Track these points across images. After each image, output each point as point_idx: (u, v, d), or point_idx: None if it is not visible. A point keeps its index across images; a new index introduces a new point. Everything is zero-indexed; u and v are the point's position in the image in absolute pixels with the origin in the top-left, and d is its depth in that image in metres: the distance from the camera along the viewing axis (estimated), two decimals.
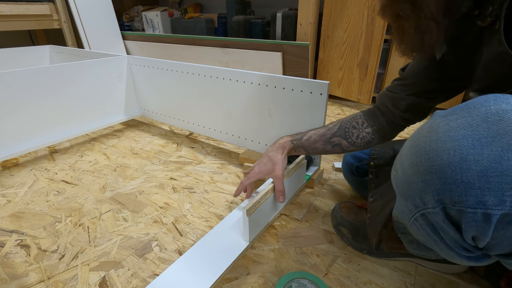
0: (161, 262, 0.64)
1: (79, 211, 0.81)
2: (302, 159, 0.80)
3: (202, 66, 1.03)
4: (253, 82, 0.92)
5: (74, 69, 1.11)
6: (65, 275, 0.62)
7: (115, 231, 0.73)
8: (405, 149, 0.39)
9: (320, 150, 0.68)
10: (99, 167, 1.04)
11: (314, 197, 0.86)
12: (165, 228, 0.74)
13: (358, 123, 0.66)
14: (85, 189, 0.91)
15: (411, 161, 0.37)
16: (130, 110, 1.36)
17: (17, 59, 1.70)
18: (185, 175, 0.98)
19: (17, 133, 1.01)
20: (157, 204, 0.84)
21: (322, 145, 0.67)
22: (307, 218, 0.77)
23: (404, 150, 0.39)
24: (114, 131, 1.36)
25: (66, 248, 0.69)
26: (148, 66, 1.22)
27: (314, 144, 0.67)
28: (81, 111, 1.17)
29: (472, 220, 0.32)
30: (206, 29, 1.92)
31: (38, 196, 0.88)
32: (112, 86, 1.27)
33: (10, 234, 0.73)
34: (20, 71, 0.97)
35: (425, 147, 0.35)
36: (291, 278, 0.59)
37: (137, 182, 0.94)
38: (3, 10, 1.72)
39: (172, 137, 1.28)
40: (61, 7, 1.94)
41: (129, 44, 2.22)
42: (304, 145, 0.68)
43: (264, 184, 0.85)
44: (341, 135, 0.66)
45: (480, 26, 0.41)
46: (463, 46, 0.46)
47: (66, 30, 2.00)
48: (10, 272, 0.62)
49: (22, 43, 2.21)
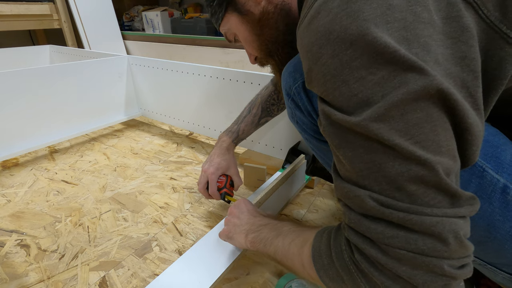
0: (161, 262, 0.64)
1: (79, 211, 0.81)
2: (302, 159, 0.80)
3: (202, 66, 1.03)
4: (253, 83, 0.91)
5: (74, 69, 1.11)
6: (65, 275, 0.62)
7: (115, 231, 0.73)
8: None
9: (252, 132, 0.76)
10: (99, 167, 1.04)
11: (314, 197, 0.86)
12: (165, 228, 0.74)
13: (275, 99, 0.73)
14: (85, 189, 0.91)
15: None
16: (130, 110, 1.36)
17: (17, 59, 1.70)
18: (185, 175, 0.98)
19: (17, 133, 1.01)
20: (157, 204, 0.84)
21: (254, 128, 0.76)
22: (307, 218, 0.77)
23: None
24: (114, 131, 1.36)
25: (66, 248, 0.69)
26: (148, 66, 1.22)
27: (248, 132, 0.75)
28: (81, 111, 1.17)
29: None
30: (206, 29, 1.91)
31: (38, 196, 0.88)
32: (112, 86, 1.27)
33: (10, 234, 0.73)
34: (20, 71, 0.97)
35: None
36: (291, 278, 0.59)
37: (137, 182, 0.94)
38: (3, 10, 1.72)
39: (172, 137, 1.28)
40: (61, 7, 1.93)
41: (129, 44, 2.22)
42: (241, 138, 0.75)
43: (264, 184, 0.85)
44: (266, 115, 0.75)
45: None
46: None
47: (66, 30, 2.00)
48: (10, 272, 0.62)
49: (22, 43, 2.21)
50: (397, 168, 0.26)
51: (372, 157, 0.27)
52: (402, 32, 0.25)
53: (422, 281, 0.26)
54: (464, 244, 0.26)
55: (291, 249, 0.42)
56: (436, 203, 0.26)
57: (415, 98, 0.25)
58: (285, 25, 0.48)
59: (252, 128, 0.75)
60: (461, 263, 0.27)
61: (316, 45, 0.29)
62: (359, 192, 0.29)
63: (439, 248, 0.26)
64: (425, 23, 0.26)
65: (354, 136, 0.28)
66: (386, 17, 0.26)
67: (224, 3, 0.50)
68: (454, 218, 0.26)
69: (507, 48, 0.28)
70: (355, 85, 0.27)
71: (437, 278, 0.26)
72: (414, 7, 0.26)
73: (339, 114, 0.28)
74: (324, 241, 0.36)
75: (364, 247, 0.29)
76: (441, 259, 0.26)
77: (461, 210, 0.26)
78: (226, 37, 0.56)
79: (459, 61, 0.26)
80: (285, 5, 0.47)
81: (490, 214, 0.34)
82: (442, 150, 0.26)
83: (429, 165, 0.25)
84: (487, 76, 0.28)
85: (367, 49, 0.26)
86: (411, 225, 0.26)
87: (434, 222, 0.25)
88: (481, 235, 0.35)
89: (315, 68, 0.30)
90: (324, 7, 0.29)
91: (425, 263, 0.26)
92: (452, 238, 0.26)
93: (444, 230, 0.25)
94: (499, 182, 0.33)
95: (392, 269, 0.27)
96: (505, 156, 0.34)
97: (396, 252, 0.27)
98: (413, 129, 0.26)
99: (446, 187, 0.26)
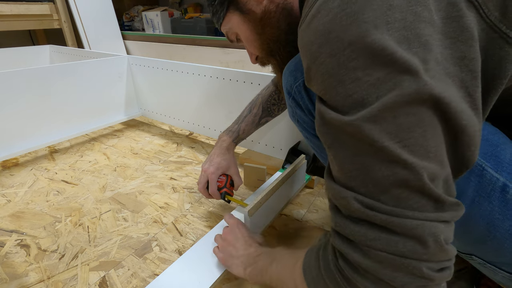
0: (161, 262, 0.64)
1: (79, 211, 0.81)
2: (302, 159, 0.80)
3: (202, 66, 1.03)
4: (253, 83, 0.91)
5: (74, 69, 1.11)
6: (65, 275, 0.62)
7: (115, 231, 0.73)
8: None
9: (252, 132, 0.77)
10: (99, 167, 1.04)
11: (314, 197, 0.86)
12: (165, 228, 0.74)
13: (276, 99, 0.73)
14: (85, 189, 0.91)
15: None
16: (130, 110, 1.36)
17: (17, 59, 1.70)
18: (185, 175, 0.98)
19: (17, 133, 1.01)
20: (157, 204, 0.84)
21: (254, 128, 0.76)
22: (307, 218, 0.77)
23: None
24: (114, 131, 1.36)
25: (66, 248, 0.69)
26: (148, 66, 1.22)
27: (248, 132, 0.75)
28: (81, 111, 1.17)
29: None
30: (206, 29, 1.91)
31: (38, 196, 0.88)
32: (112, 86, 1.27)
33: (10, 234, 0.73)
34: (20, 71, 0.97)
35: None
36: None
37: (137, 182, 0.94)
38: (3, 10, 1.72)
39: (172, 137, 1.28)
40: (61, 7, 1.93)
41: (129, 44, 2.22)
42: (242, 138, 0.75)
43: (264, 184, 0.85)
44: (266, 115, 0.75)
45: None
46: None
47: (66, 30, 2.00)
48: (10, 272, 0.62)
49: (22, 43, 2.21)
50: (383, 171, 0.27)
51: (361, 160, 0.28)
52: (403, 32, 0.25)
53: (401, 283, 0.27)
54: (443, 248, 0.27)
55: (283, 272, 0.42)
56: (420, 206, 0.27)
57: (408, 102, 0.25)
58: (286, 24, 0.48)
59: (252, 128, 0.75)
60: (440, 266, 0.27)
61: (315, 44, 0.29)
62: (346, 193, 0.29)
63: (418, 250, 0.26)
64: (426, 22, 0.26)
65: (345, 137, 0.28)
66: (386, 17, 0.26)
67: (225, 2, 0.50)
68: (435, 222, 0.26)
69: (507, 48, 0.28)
70: (351, 85, 0.27)
71: (416, 280, 0.27)
72: (415, 7, 0.26)
73: (333, 113, 0.29)
74: (314, 254, 0.36)
75: (348, 252, 0.30)
76: (420, 261, 0.26)
77: (443, 214, 0.27)
78: (227, 36, 0.56)
79: (458, 61, 0.27)
80: (287, 5, 0.47)
81: (489, 213, 0.34)
82: (429, 155, 0.26)
83: (414, 169, 0.26)
84: (487, 76, 0.28)
85: (364, 51, 0.26)
86: (393, 227, 0.27)
87: (415, 225, 0.26)
88: (480, 234, 0.36)
89: (314, 67, 0.30)
90: (325, 7, 0.29)
91: (405, 265, 0.27)
92: (432, 242, 0.26)
93: (424, 233, 0.26)
94: (499, 181, 0.33)
95: (373, 272, 0.28)
96: (505, 155, 0.34)
97: (377, 254, 0.27)
98: (403, 133, 0.26)
99: (430, 191, 0.26)
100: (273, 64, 0.56)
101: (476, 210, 0.35)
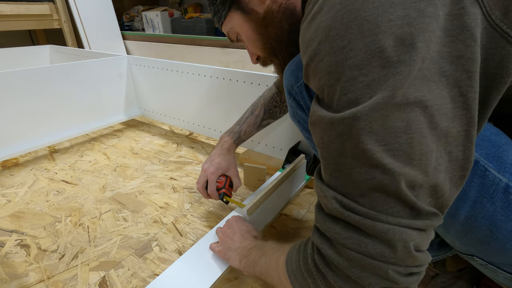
0: (161, 262, 0.64)
1: (79, 211, 0.81)
2: (302, 159, 0.80)
3: (202, 66, 1.03)
4: (253, 83, 0.91)
5: (74, 69, 1.11)
6: (65, 275, 0.62)
7: (115, 231, 0.73)
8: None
9: (254, 133, 0.76)
10: (99, 167, 1.04)
11: (314, 197, 0.86)
12: (165, 228, 0.74)
13: (277, 101, 0.73)
14: (85, 189, 0.90)
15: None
16: (130, 110, 1.36)
17: (17, 59, 1.70)
18: (185, 175, 0.98)
19: (17, 133, 1.01)
20: (157, 204, 0.84)
21: (256, 130, 0.75)
22: (307, 218, 0.77)
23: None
24: (114, 131, 1.36)
25: (66, 248, 0.68)
26: (148, 66, 1.22)
27: (249, 134, 0.75)
28: (81, 111, 1.17)
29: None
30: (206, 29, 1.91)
31: (38, 196, 0.88)
32: (112, 86, 1.26)
33: (10, 234, 0.73)
34: (20, 71, 0.97)
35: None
36: None
37: (137, 182, 0.94)
38: (3, 10, 1.72)
39: (172, 137, 1.28)
40: (61, 7, 1.93)
41: (129, 44, 2.22)
42: (243, 139, 0.75)
43: (264, 184, 0.85)
44: (268, 117, 0.75)
45: None
46: None
47: (66, 30, 2.00)
48: (10, 272, 0.62)
49: (22, 43, 2.21)
50: (363, 175, 0.27)
51: (344, 161, 0.28)
52: (406, 29, 0.25)
53: (368, 282, 0.28)
54: (412, 254, 0.27)
55: (270, 264, 0.43)
56: (394, 212, 0.27)
57: (398, 105, 0.25)
58: (289, 24, 0.48)
59: (254, 129, 0.75)
60: (407, 271, 0.28)
61: (316, 41, 0.29)
62: (328, 192, 0.30)
63: (386, 253, 0.27)
64: (431, 17, 0.26)
65: (333, 136, 0.29)
66: (388, 15, 0.25)
67: (227, 2, 0.49)
68: (407, 229, 0.27)
69: (508, 47, 0.28)
70: (346, 84, 0.27)
71: (381, 281, 0.28)
72: (418, 3, 0.26)
73: (325, 111, 0.29)
74: (296, 248, 0.37)
75: (323, 247, 0.31)
76: (387, 264, 0.27)
77: (417, 222, 0.27)
78: (228, 36, 0.56)
79: (454, 60, 0.27)
80: (289, 5, 0.47)
81: (492, 214, 0.34)
82: (412, 162, 0.26)
83: (392, 175, 0.26)
84: (488, 75, 0.28)
85: (363, 50, 0.26)
86: (365, 229, 0.27)
87: (386, 229, 0.27)
88: (483, 235, 0.35)
89: (313, 64, 0.30)
90: (327, 3, 0.29)
91: (372, 265, 0.28)
92: (401, 247, 0.27)
93: (394, 238, 0.27)
94: (501, 182, 0.33)
95: (343, 269, 0.29)
96: (507, 156, 0.34)
97: (348, 253, 0.28)
98: (389, 136, 0.26)
99: (405, 198, 0.27)
100: (275, 64, 0.56)
101: (479, 211, 0.35)
